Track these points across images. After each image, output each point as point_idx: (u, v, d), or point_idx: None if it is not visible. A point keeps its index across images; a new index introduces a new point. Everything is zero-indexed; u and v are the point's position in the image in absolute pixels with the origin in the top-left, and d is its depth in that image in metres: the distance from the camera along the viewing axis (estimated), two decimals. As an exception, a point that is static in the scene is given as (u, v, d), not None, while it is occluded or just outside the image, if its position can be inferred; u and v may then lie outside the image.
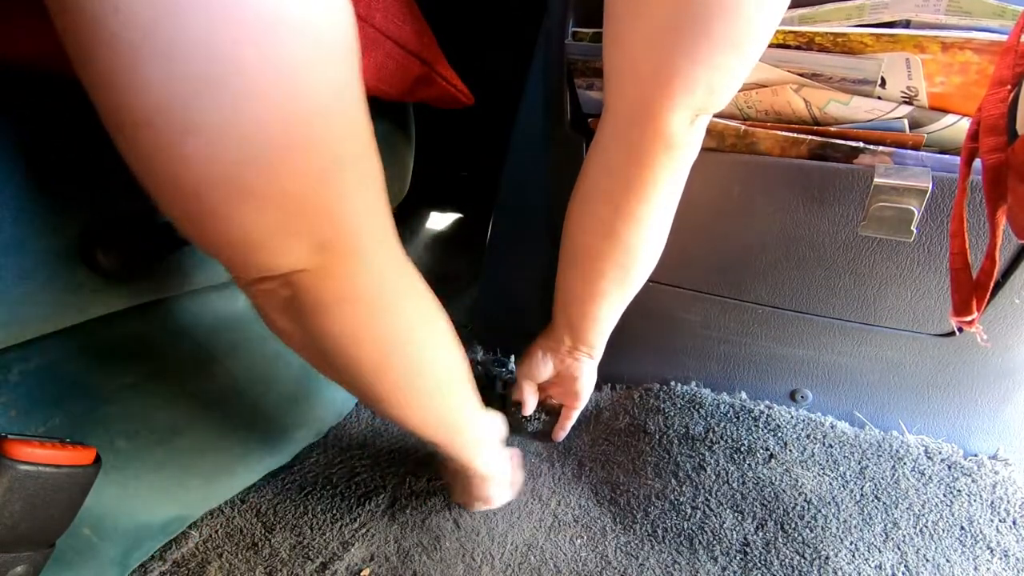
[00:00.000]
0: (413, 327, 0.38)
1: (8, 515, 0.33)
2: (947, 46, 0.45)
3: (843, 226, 0.57)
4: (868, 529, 0.59)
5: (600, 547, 0.60)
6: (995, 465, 0.66)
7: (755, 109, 0.56)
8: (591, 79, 0.59)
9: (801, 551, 0.58)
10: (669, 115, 0.43)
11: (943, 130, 0.50)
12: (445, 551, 0.59)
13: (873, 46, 0.48)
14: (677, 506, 0.63)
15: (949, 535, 0.59)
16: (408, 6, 0.49)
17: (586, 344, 0.62)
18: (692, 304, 0.69)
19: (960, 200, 0.39)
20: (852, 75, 0.49)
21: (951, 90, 0.48)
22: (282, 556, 0.57)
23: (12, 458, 0.33)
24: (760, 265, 0.63)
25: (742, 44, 0.41)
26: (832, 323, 0.65)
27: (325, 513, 0.61)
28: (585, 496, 0.66)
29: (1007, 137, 0.32)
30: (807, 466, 0.65)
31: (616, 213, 0.50)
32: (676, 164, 0.47)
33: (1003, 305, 0.58)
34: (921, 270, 0.58)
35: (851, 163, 0.54)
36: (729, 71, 0.42)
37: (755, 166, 0.57)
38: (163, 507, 0.53)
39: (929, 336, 0.63)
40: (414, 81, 0.52)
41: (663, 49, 0.41)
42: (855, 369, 0.68)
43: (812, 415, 0.71)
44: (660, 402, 0.73)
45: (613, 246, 0.52)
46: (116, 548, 0.49)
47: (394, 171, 0.62)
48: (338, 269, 0.33)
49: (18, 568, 0.35)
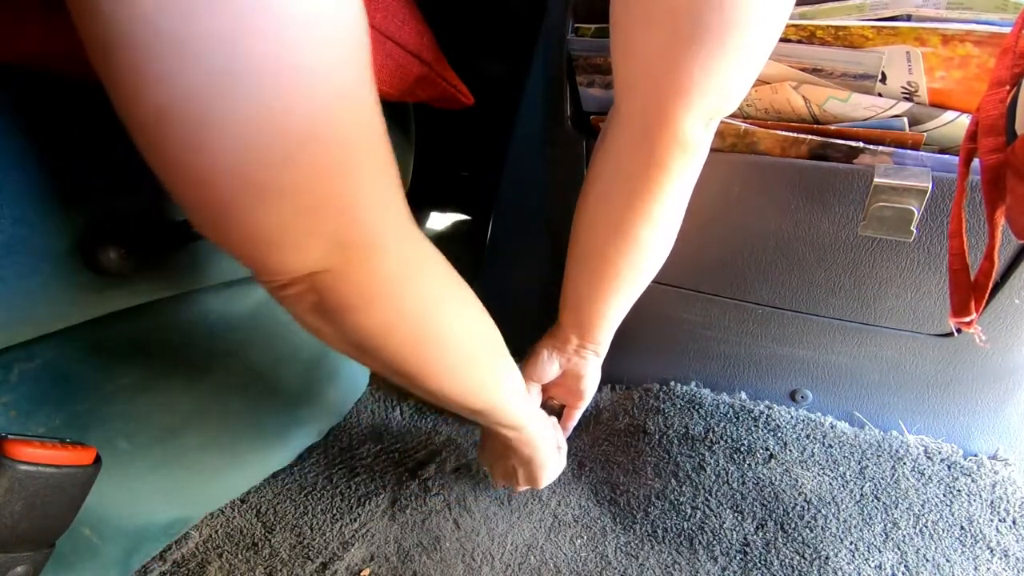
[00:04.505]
0: (441, 306, 0.39)
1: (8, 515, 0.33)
2: (947, 39, 0.45)
3: (843, 226, 0.57)
4: (868, 529, 0.59)
5: (600, 547, 0.60)
6: (995, 465, 0.66)
7: (755, 108, 0.56)
8: (591, 76, 0.59)
9: (801, 551, 0.58)
10: (684, 120, 0.44)
11: (943, 127, 0.50)
12: (445, 551, 0.59)
13: (874, 39, 0.48)
14: (677, 506, 0.63)
15: (949, 535, 0.59)
16: (408, 6, 0.49)
17: (593, 342, 0.62)
18: (692, 304, 0.69)
19: (959, 201, 0.39)
20: (853, 69, 0.50)
21: (951, 85, 0.48)
22: (282, 556, 0.57)
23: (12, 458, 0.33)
24: (760, 265, 0.63)
25: (755, 50, 0.42)
26: (832, 323, 0.65)
27: (325, 513, 0.61)
28: (585, 496, 0.66)
29: (1006, 137, 0.32)
30: (807, 466, 0.65)
31: (632, 214, 0.51)
32: (691, 166, 0.49)
33: (1002, 305, 0.58)
34: (921, 270, 0.58)
35: (851, 163, 0.54)
36: (742, 76, 0.43)
37: (755, 166, 0.57)
38: (164, 508, 0.53)
39: (929, 336, 0.63)
40: (414, 81, 0.52)
41: (678, 58, 0.41)
42: (855, 369, 0.68)
43: (812, 415, 0.71)
44: (660, 402, 0.73)
45: (629, 246, 0.53)
46: (117, 549, 0.49)
47: (394, 171, 0.62)
48: (360, 267, 0.33)
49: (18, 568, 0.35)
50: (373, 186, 0.32)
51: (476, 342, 0.44)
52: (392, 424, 0.74)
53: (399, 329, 0.37)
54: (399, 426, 0.74)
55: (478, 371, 0.45)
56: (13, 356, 0.41)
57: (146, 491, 0.50)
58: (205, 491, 0.57)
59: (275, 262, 0.31)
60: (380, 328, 0.36)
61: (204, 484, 0.56)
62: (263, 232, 0.30)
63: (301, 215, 0.30)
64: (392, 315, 0.36)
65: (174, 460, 0.52)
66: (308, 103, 0.27)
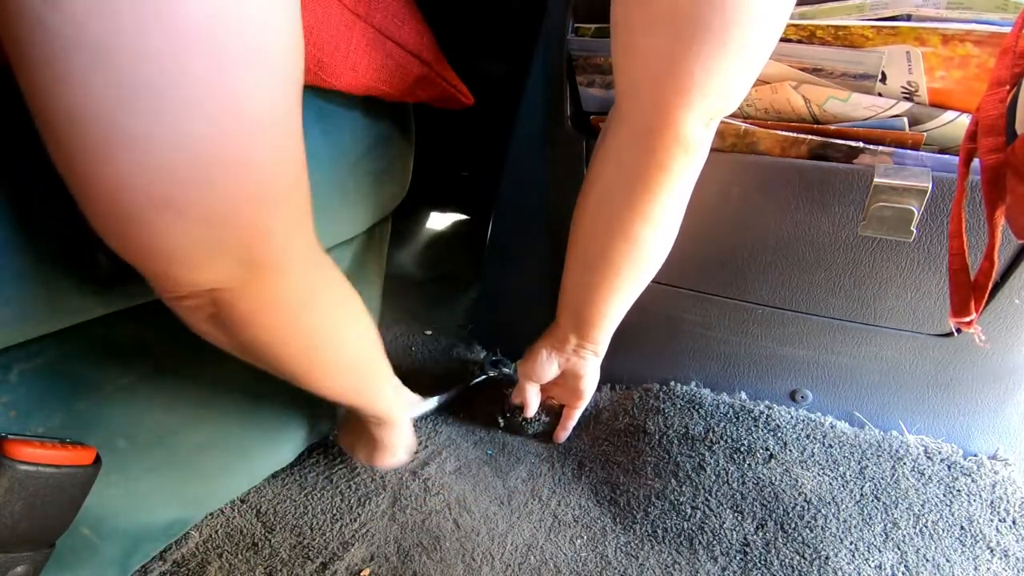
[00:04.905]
0: (334, 315, 0.42)
1: (8, 515, 0.33)
2: (947, 39, 0.45)
3: (843, 226, 0.57)
4: (868, 529, 0.59)
5: (600, 547, 0.60)
6: (995, 465, 0.66)
7: (755, 108, 0.56)
8: (591, 76, 0.59)
9: (801, 551, 0.58)
10: (686, 120, 0.45)
11: (943, 127, 0.50)
12: (445, 551, 0.59)
13: (874, 39, 0.48)
14: (677, 506, 0.63)
15: (949, 535, 0.59)
16: (408, 6, 0.49)
17: (592, 342, 0.62)
18: (692, 304, 0.70)
19: (959, 201, 0.39)
20: (853, 69, 0.50)
21: (951, 85, 0.48)
22: (282, 556, 0.57)
23: (12, 458, 0.33)
24: (760, 265, 0.63)
25: (756, 49, 0.42)
26: (832, 323, 0.65)
27: (325, 513, 0.61)
28: (585, 496, 0.66)
29: (1006, 137, 0.32)
30: (807, 466, 0.65)
31: (632, 214, 0.51)
32: (692, 165, 0.49)
33: (1002, 305, 0.58)
34: (921, 270, 0.58)
35: (851, 163, 0.54)
36: (743, 76, 0.44)
37: (755, 166, 0.57)
38: (164, 508, 0.53)
39: (929, 336, 0.63)
40: (414, 81, 0.52)
41: (679, 58, 0.41)
42: (855, 369, 0.68)
43: (812, 415, 0.71)
44: (660, 402, 0.73)
45: (629, 246, 0.53)
46: (116, 548, 0.49)
47: (394, 171, 0.62)
48: (262, 283, 0.33)
49: (18, 568, 0.35)
50: (288, 212, 0.33)
51: (361, 353, 0.48)
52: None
53: (293, 342, 0.39)
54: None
55: (358, 376, 0.49)
56: (13, 356, 0.41)
57: (145, 491, 0.50)
58: (205, 491, 0.57)
59: (176, 277, 0.31)
60: (275, 341, 0.38)
61: (203, 484, 0.56)
62: (166, 248, 0.29)
63: (209, 235, 0.29)
64: (288, 331, 0.38)
65: (173, 460, 0.52)
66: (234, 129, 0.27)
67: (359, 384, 0.50)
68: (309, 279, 0.37)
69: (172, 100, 0.25)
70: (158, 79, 0.25)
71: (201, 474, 0.55)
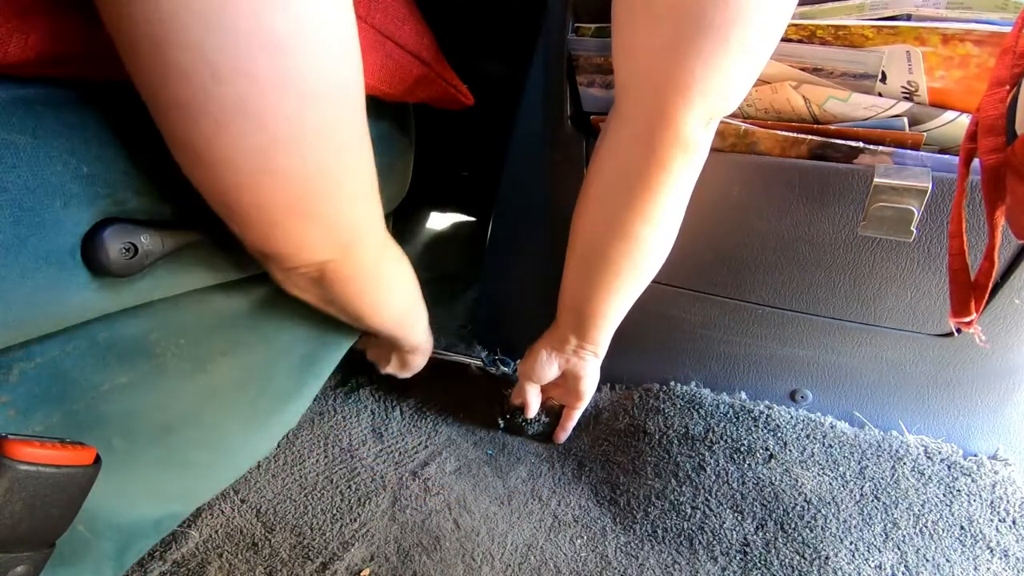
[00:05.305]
0: (393, 273, 0.53)
1: (8, 515, 0.33)
2: (947, 38, 0.45)
3: (843, 226, 0.57)
4: (868, 529, 0.60)
5: (600, 547, 0.60)
6: (995, 465, 0.66)
7: (755, 108, 0.56)
8: (592, 76, 0.59)
9: (801, 551, 0.58)
10: (686, 120, 0.45)
11: (943, 127, 0.50)
12: (445, 551, 0.59)
13: (874, 39, 0.48)
14: (677, 506, 0.63)
15: (949, 535, 0.59)
16: (408, 6, 0.49)
17: (592, 342, 0.62)
18: (692, 304, 0.70)
19: (959, 201, 0.39)
20: (853, 69, 0.50)
21: (951, 85, 0.48)
22: (282, 556, 0.57)
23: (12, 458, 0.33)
24: (760, 265, 0.63)
25: (756, 49, 0.42)
26: (832, 323, 0.65)
27: (325, 513, 0.61)
28: (585, 496, 0.66)
29: (1006, 137, 0.32)
30: (807, 466, 0.65)
31: (632, 213, 0.51)
32: (692, 165, 0.49)
33: (1002, 305, 0.58)
34: (921, 270, 0.58)
35: (851, 163, 0.54)
36: (743, 75, 0.44)
37: (755, 166, 0.57)
38: (155, 504, 0.53)
39: (929, 336, 0.63)
40: (414, 81, 0.52)
41: (680, 57, 0.41)
42: (855, 369, 0.68)
43: (812, 415, 0.71)
44: (660, 402, 0.73)
45: (629, 246, 0.53)
46: (111, 544, 0.49)
47: (394, 171, 0.62)
48: (355, 256, 0.44)
49: (18, 568, 0.35)
50: (372, 206, 0.43)
51: (408, 299, 0.59)
52: (392, 424, 0.74)
53: (367, 294, 0.51)
54: (399, 426, 0.74)
55: (405, 314, 0.60)
56: (13, 356, 0.41)
57: (138, 488, 0.50)
58: (195, 486, 0.57)
59: (298, 258, 0.41)
60: (355, 292, 0.49)
61: (194, 480, 0.56)
62: (296, 241, 0.39)
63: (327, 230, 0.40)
64: (365, 285, 0.49)
65: (167, 458, 0.52)
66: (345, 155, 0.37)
67: (405, 320, 0.61)
68: (381, 251, 0.48)
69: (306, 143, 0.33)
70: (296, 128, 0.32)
71: (192, 470, 0.56)
